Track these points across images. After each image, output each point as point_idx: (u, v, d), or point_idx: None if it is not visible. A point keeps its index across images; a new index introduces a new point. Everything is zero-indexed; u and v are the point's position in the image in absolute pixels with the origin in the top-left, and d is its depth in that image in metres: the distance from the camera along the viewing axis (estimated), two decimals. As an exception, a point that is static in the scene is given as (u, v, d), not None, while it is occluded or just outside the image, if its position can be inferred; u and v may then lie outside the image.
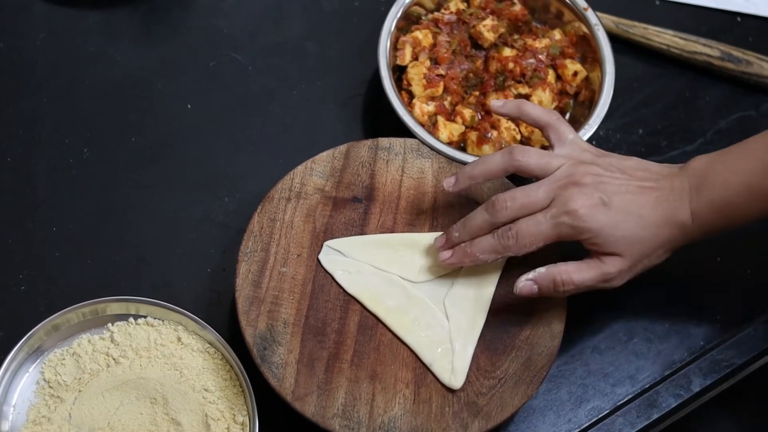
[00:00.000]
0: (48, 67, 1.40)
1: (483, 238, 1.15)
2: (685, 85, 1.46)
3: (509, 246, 1.12)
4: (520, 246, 1.12)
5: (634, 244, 1.10)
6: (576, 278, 1.11)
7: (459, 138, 1.33)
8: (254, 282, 1.17)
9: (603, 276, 1.11)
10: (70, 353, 1.18)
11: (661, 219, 1.10)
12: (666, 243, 1.12)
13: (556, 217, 1.10)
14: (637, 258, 1.11)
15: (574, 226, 1.09)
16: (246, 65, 1.42)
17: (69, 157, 1.33)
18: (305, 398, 1.12)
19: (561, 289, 1.12)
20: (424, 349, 1.16)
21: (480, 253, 1.15)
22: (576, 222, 1.09)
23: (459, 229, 1.17)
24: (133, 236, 1.29)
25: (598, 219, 1.09)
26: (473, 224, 1.15)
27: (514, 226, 1.12)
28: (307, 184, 1.24)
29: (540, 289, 1.12)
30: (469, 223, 1.16)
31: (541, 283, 1.12)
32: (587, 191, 1.09)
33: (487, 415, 1.13)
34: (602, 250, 1.11)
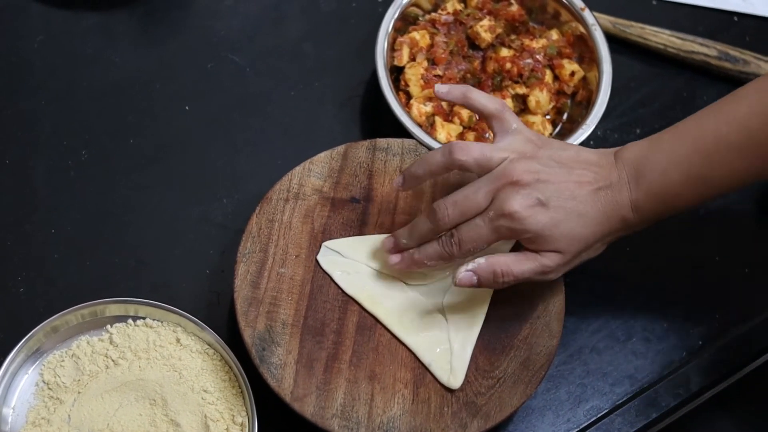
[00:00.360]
0: (46, 69, 1.40)
1: (429, 245, 1.15)
2: (682, 84, 1.46)
3: (453, 252, 1.13)
4: (464, 251, 1.12)
5: (573, 242, 1.10)
6: (515, 270, 1.11)
7: (457, 138, 1.33)
8: (253, 283, 1.17)
9: (541, 268, 1.11)
10: (69, 355, 1.18)
11: (600, 215, 1.10)
12: (605, 236, 1.12)
13: (494, 220, 1.09)
14: (575, 253, 1.11)
15: (513, 228, 1.09)
16: (244, 66, 1.42)
17: (67, 158, 1.33)
18: (304, 399, 1.12)
19: (500, 280, 1.11)
20: (423, 349, 1.16)
21: (427, 260, 1.15)
22: (514, 224, 1.08)
23: (406, 236, 1.17)
24: (131, 237, 1.29)
25: (538, 220, 1.08)
26: (419, 231, 1.15)
27: (456, 233, 1.12)
28: (305, 185, 1.24)
29: (479, 280, 1.12)
30: (415, 230, 1.16)
31: (481, 274, 1.11)
32: (525, 191, 1.08)
33: (486, 414, 1.13)
34: (542, 248, 1.10)
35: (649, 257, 1.33)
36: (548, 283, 1.18)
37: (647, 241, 1.32)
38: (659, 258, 1.34)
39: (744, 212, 1.37)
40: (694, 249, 1.35)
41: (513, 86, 1.35)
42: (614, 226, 1.11)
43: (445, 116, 1.34)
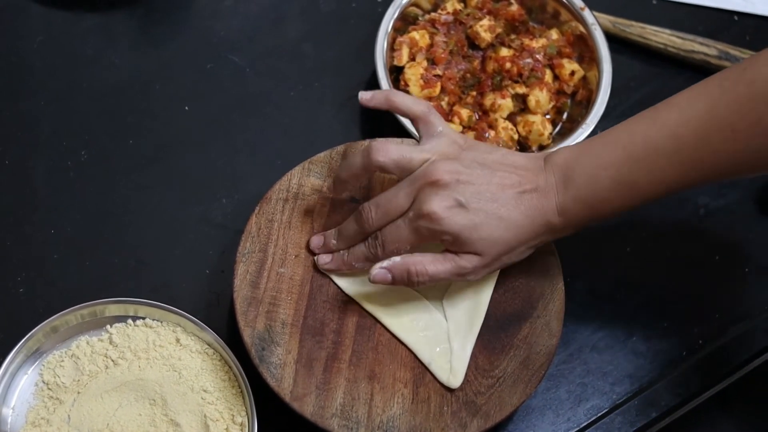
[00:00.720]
0: (45, 70, 1.40)
1: (356, 247, 1.16)
2: (682, 84, 1.44)
3: (378, 254, 1.13)
4: (388, 253, 1.12)
5: (493, 245, 1.09)
6: (431, 270, 1.11)
7: None
8: (252, 283, 1.17)
9: (458, 270, 1.11)
10: (68, 355, 1.18)
11: (523, 218, 1.09)
12: (529, 240, 1.11)
13: (414, 221, 1.09)
14: (495, 256, 1.11)
15: (432, 229, 1.09)
16: (244, 67, 1.42)
17: (67, 159, 1.33)
18: (304, 398, 1.12)
19: (415, 279, 1.11)
20: (423, 348, 1.16)
21: (355, 262, 1.16)
22: (433, 225, 1.08)
23: (335, 237, 1.18)
24: (131, 238, 1.29)
25: (456, 221, 1.08)
26: (347, 234, 1.16)
27: (380, 234, 1.12)
28: (304, 185, 1.24)
29: (393, 278, 1.12)
30: (343, 232, 1.17)
31: (395, 272, 1.11)
32: (444, 192, 1.08)
33: (486, 414, 1.13)
34: (461, 250, 1.10)
35: (649, 257, 1.33)
36: (548, 282, 1.18)
37: (647, 241, 1.33)
38: (659, 258, 1.33)
39: (744, 212, 1.37)
40: (694, 249, 1.35)
41: (513, 86, 1.35)
42: (538, 231, 1.10)
43: (445, 116, 1.34)
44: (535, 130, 1.33)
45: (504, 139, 1.32)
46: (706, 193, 1.37)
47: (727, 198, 1.38)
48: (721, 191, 1.38)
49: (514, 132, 1.33)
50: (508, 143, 1.32)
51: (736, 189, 1.38)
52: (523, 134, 1.34)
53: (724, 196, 1.38)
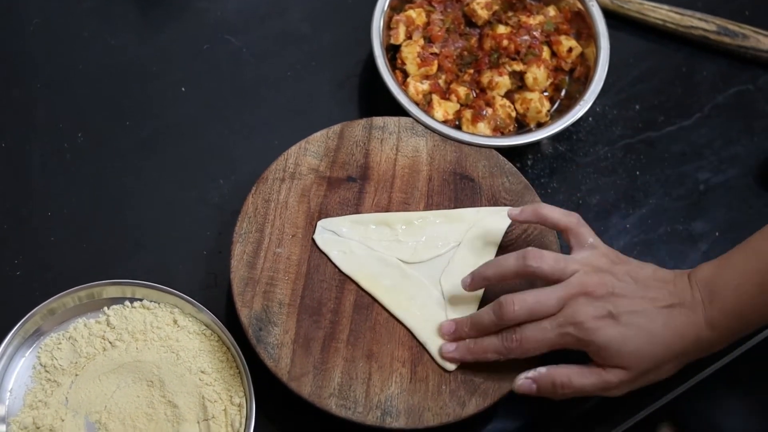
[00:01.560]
0: (42, 53, 1.39)
1: (488, 338, 1.13)
2: (681, 60, 1.46)
3: (512, 349, 1.11)
4: (524, 351, 1.11)
5: (641, 360, 1.08)
6: (576, 383, 1.10)
7: (454, 116, 1.33)
8: (249, 263, 1.17)
9: (603, 384, 1.10)
10: (66, 337, 1.17)
11: (672, 335, 1.08)
12: (676, 357, 1.10)
13: (562, 327, 1.09)
14: (642, 372, 1.09)
15: (580, 338, 1.08)
16: (240, 47, 1.42)
17: (63, 142, 1.33)
18: (301, 378, 1.12)
19: (559, 392, 1.10)
20: (420, 327, 1.16)
21: (482, 353, 1.13)
22: (582, 334, 1.08)
23: (468, 326, 1.15)
24: (128, 219, 1.29)
25: (605, 333, 1.07)
26: (480, 323, 1.14)
27: (520, 331, 1.11)
28: (301, 165, 1.24)
29: (538, 388, 1.11)
30: (477, 321, 1.14)
31: (540, 383, 1.11)
32: (597, 304, 1.08)
33: (485, 392, 1.13)
34: (607, 363, 1.09)
35: (650, 233, 1.33)
36: None
37: (647, 217, 1.32)
38: (660, 233, 1.33)
39: (744, 187, 1.37)
40: (695, 224, 1.34)
41: (510, 63, 1.34)
42: (688, 347, 1.09)
43: (442, 94, 1.33)
44: (533, 107, 1.32)
45: (501, 117, 1.31)
46: (706, 168, 1.36)
47: (726, 174, 1.37)
48: (720, 167, 1.37)
49: (511, 109, 1.32)
50: (506, 120, 1.32)
51: (736, 165, 1.38)
52: (521, 111, 1.33)
53: (724, 171, 1.37)
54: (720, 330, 1.08)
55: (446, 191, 1.24)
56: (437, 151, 1.26)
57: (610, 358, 1.08)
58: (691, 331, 1.08)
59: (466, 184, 1.25)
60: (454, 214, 1.23)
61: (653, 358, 1.08)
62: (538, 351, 1.10)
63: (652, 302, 1.09)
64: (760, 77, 1.45)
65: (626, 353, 1.07)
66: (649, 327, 1.07)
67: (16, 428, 1.12)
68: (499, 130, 1.32)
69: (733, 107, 1.43)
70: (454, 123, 1.32)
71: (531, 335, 1.10)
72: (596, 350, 1.08)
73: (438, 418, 1.11)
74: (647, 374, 1.10)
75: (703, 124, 1.40)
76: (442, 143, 1.27)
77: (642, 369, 1.09)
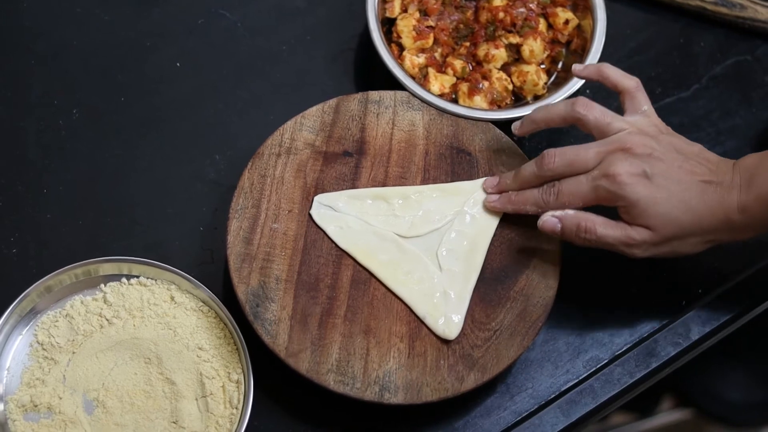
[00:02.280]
0: (35, 29, 1.39)
1: (528, 191, 1.16)
2: (678, 31, 1.45)
3: (549, 202, 1.14)
4: (560, 203, 1.13)
5: (668, 224, 1.09)
6: (599, 231, 1.11)
7: (450, 90, 1.32)
8: (246, 239, 1.17)
9: (626, 239, 1.11)
10: (63, 315, 1.17)
11: (703, 207, 1.09)
12: (705, 232, 1.11)
13: (596, 180, 1.10)
14: (667, 237, 1.10)
15: (611, 191, 1.09)
16: (235, 22, 1.41)
17: (58, 119, 1.32)
18: (299, 354, 1.11)
19: (582, 236, 1.12)
20: (418, 302, 1.16)
21: (522, 204, 1.17)
22: (614, 188, 1.09)
23: (510, 178, 1.18)
24: (124, 196, 1.29)
25: (637, 190, 1.08)
26: (522, 176, 1.17)
27: (558, 185, 1.13)
28: (297, 140, 1.23)
29: (563, 229, 1.13)
30: (520, 174, 1.17)
31: (565, 223, 1.12)
32: (634, 161, 1.09)
33: (483, 367, 1.13)
34: (634, 221, 1.10)
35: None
36: (544, 233, 1.17)
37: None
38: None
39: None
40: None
41: (506, 36, 1.33)
42: (716, 225, 1.10)
43: (438, 67, 1.33)
44: (529, 80, 1.31)
45: (498, 90, 1.30)
46: (704, 140, 1.35)
47: (725, 145, 1.36)
48: (719, 138, 1.37)
49: (508, 82, 1.32)
50: (502, 94, 1.31)
51: (735, 136, 1.37)
52: (517, 84, 1.32)
53: (722, 143, 1.36)
54: (751, 215, 1.09)
55: (443, 165, 1.24)
56: (434, 125, 1.26)
57: (638, 216, 1.09)
58: (722, 210, 1.09)
59: (463, 157, 1.24)
60: (450, 187, 1.22)
61: (680, 225, 1.09)
62: (573, 204, 1.13)
63: (689, 174, 1.10)
64: (758, 48, 1.44)
65: (654, 214, 1.09)
66: (682, 195, 1.09)
67: (13, 406, 1.12)
68: (495, 104, 1.31)
69: (732, 78, 1.42)
70: (450, 96, 1.32)
71: (566, 188, 1.13)
72: (626, 207, 1.10)
73: (436, 393, 1.11)
74: (671, 241, 1.11)
75: (701, 95, 1.40)
76: (438, 117, 1.26)
77: (667, 234, 1.10)
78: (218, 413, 1.13)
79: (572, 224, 1.12)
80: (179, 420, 1.13)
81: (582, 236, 1.12)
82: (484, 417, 1.19)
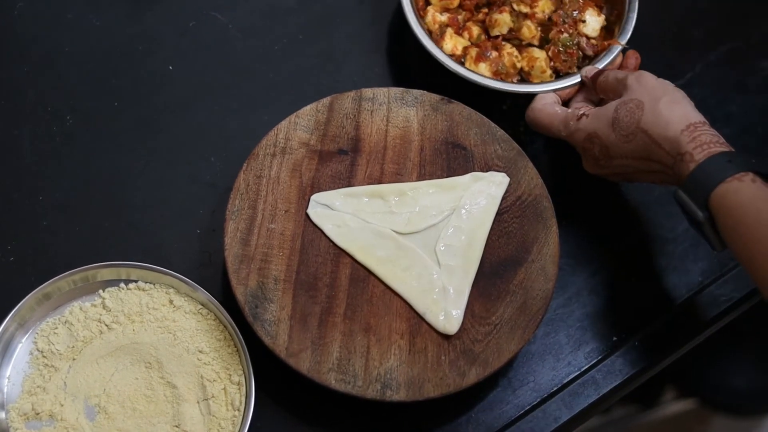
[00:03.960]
0: (27, 36, 1.38)
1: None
2: (671, 19, 1.45)
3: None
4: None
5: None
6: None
7: (462, 52, 1.33)
8: (243, 240, 1.17)
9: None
10: (62, 322, 1.17)
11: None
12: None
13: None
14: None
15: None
16: (226, 23, 1.41)
17: (52, 125, 1.32)
18: (299, 354, 1.11)
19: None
20: (417, 298, 1.16)
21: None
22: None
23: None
24: (120, 201, 1.28)
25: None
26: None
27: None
28: (291, 139, 1.23)
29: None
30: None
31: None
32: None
33: (484, 361, 1.12)
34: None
35: (645, 195, 1.32)
36: (542, 225, 1.18)
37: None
38: (655, 195, 1.32)
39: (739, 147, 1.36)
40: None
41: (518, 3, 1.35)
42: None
43: (457, 29, 1.35)
44: (537, 65, 1.32)
45: (505, 64, 1.32)
46: (699, 128, 1.35)
47: (721, 133, 1.36)
48: (715, 125, 1.35)
49: (518, 60, 1.33)
50: (508, 68, 1.32)
51: (731, 123, 1.37)
52: (525, 69, 1.33)
53: (719, 130, 1.36)
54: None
55: (438, 160, 1.24)
56: (428, 120, 1.26)
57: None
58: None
59: (458, 152, 1.24)
60: (446, 182, 1.22)
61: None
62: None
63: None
64: (751, 34, 1.44)
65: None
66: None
67: (15, 415, 1.12)
68: (499, 75, 1.32)
69: (726, 65, 1.42)
70: (459, 59, 1.33)
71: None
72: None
73: (438, 389, 1.11)
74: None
75: (695, 83, 1.40)
76: (432, 113, 1.26)
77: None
78: (220, 416, 1.13)
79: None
80: (181, 424, 1.12)
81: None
82: (486, 412, 1.19)
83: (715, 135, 1.12)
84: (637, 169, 1.16)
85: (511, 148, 1.25)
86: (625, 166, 1.17)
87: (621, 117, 1.15)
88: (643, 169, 1.16)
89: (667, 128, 1.12)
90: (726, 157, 1.09)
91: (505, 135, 1.26)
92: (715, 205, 1.07)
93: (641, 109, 1.14)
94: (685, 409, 1.98)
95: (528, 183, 1.23)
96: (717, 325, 1.28)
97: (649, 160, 1.14)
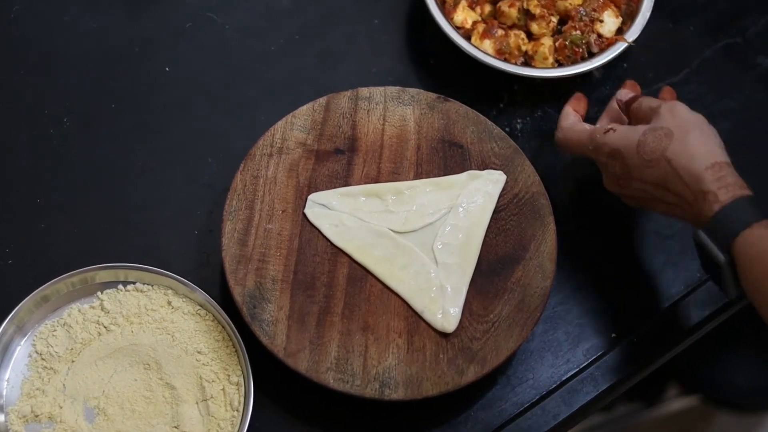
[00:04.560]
0: (24, 39, 1.38)
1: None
2: (667, 15, 1.44)
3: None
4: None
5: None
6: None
7: (471, 26, 1.35)
8: (240, 240, 1.17)
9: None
10: (60, 324, 1.17)
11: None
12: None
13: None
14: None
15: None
16: (223, 24, 1.41)
17: (49, 127, 1.32)
18: (298, 354, 1.11)
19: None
20: (415, 296, 1.16)
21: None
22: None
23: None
24: (118, 202, 1.28)
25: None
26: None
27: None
28: (288, 139, 1.23)
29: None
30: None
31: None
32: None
33: (483, 359, 1.12)
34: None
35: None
36: (539, 222, 1.19)
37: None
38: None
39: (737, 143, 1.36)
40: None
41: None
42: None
43: (470, 3, 1.36)
44: (541, 51, 1.33)
45: (510, 45, 1.33)
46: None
47: (719, 129, 1.35)
48: (712, 121, 1.35)
49: (524, 43, 1.34)
50: (512, 49, 1.34)
51: (729, 119, 1.37)
52: (530, 53, 1.34)
53: (716, 126, 1.36)
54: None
55: (435, 159, 1.24)
56: (425, 119, 1.26)
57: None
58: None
59: (455, 151, 1.24)
60: (443, 181, 1.22)
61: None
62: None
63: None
64: (747, 30, 1.44)
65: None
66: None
67: (14, 417, 1.12)
68: (503, 55, 1.33)
69: (722, 61, 1.42)
70: (467, 33, 1.34)
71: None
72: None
73: (437, 387, 1.11)
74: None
75: (692, 79, 1.39)
76: (429, 111, 1.26)
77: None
78: (219, 416, 1.13)
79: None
80: (180, 424, 1.12)
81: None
82: (485, 410, 1.19)
83: (739, 178, 1.10)
84: (654, 197, 1.15)
85: (508, 146, 1.25)
86: (643, 191, 1.16)
87: (648, 141, 1.14)
88: (660, 198, 1.14)
89: (692, 161, 1.10)
90: (752, 201, 1.08)
91: (502, 133, 1.26)
92: (739, 251, 1.05)
93: (670, 138, 1.13)
94: (687, 407, 1.97)
95: (525, 180, 1.23)
96: (716, 321, 1.27)
97: (666, 190, 1.13)
